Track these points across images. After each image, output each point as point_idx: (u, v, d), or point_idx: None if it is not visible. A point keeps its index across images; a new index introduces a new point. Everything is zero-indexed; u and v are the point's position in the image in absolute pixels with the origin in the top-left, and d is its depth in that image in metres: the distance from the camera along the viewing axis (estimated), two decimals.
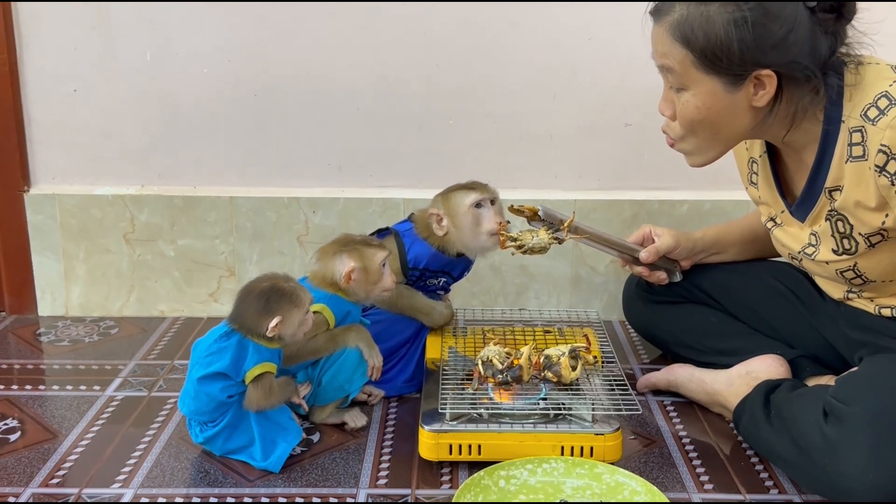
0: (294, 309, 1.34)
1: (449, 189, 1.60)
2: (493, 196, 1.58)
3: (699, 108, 1.26)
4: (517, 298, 1.99)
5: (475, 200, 1.55)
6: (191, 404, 1.35)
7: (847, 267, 1.31)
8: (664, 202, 1.92)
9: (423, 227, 1.61)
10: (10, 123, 1.89)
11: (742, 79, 1.22)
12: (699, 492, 1.30)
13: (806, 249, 1.36)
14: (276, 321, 1.32)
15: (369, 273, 1.47)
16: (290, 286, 1.36)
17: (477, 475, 1.25)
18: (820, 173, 1.28)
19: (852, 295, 1.39)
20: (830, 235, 1.30)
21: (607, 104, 1.90)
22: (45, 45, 1.87)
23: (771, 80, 1.21)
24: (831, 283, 1.42)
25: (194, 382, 1.33)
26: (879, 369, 1.24)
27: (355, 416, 1.49)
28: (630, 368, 1.74)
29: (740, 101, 1.24)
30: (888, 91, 1.18)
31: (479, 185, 1.58)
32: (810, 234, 1.35)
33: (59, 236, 1.95)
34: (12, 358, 1.77)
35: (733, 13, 1.18)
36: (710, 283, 1.64)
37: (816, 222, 1.33)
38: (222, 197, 1.94)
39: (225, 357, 1.32)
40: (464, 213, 1.55)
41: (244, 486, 1.31)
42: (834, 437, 1.17)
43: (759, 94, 1.23)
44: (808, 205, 1.33)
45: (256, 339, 1.34)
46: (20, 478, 1.33)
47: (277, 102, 1.91)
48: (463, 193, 1.56)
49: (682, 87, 1.27)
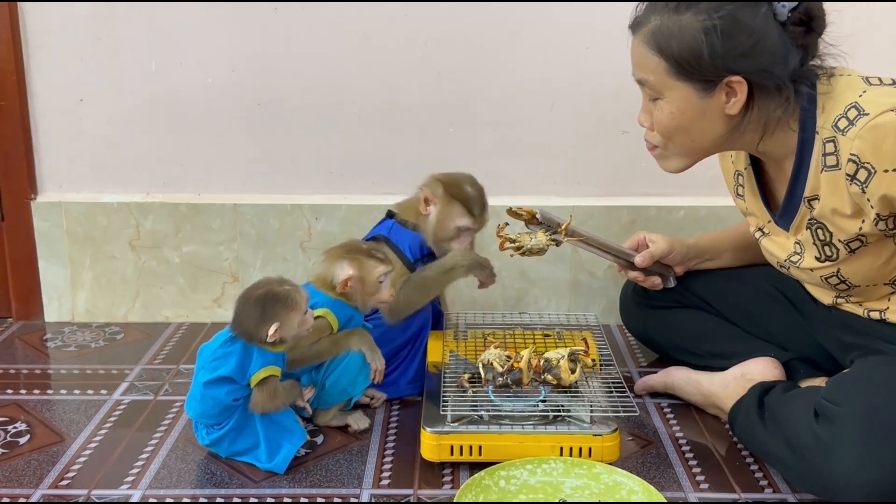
0: (291, 312, 1.36)
1: (453, 181, 1.62)
2: (480, 227, 1.63)
3: (673, 113, 1.30)
4: (517, 303, 2.01)
5: (466, 225, 1.60)
6: (197, 407, 1.38)
7: (831, 273, 1.34)
8: (661, 208, 1.95)
9: (406, 215, 1.64)
10: (18, 132, 1.92)
11: (714, 85, 1.26)
12: (695, 491, 1.33)
13: (791, 258, 1.39)
14: (274, 328, 1.34)
15: (366, 284, 1.49)
16: (284, 290, 1.37)
17: (478, 475, 1.28)
18: (798, 183, 1.31)
19: (840, 300, 1.41)
20: (812, 244, 1.33)
21: (605, 112, 1.93)
22: (52, 55, 1.91)
23: (741, 86, 1.25)
24: (820, 290, 1.45)
25: (200, 386, 1.36)
26: (869, 370, 1.27)
27: (358, 419, 1.51)
28: (628, 371, 1.76)
29: (713, 107, 1.28)
30: (857, 102, 1.21)
31: (476, 208, 1.61)
32: (795, 243, 1.38)
33: (66, 243, 1.98)
34: (20, 363, 1.80)
35: (704, 22, 1.22)
36: (706, 289, 1.66)
37: (799, 231, 1.36)
38: (226, 204, 1.97)
39: (230, 361, 1.35)
40: (451, 228, 1.60)
41: (250, 486, 1.33)
42: (825, 436, 1.19)
43: (731, 101, 1.27)
44: (789, 214, 1.36)
45: (259, 344, 1.37)
46: (30, 480, 1.35)
47: (280, 111, 1.94)
48: (460, 213, 1.60)
49: (657, 96, 1.32)
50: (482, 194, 1.63)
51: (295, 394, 1.40)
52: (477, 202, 1.61)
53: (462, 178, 1.63)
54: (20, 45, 1.89)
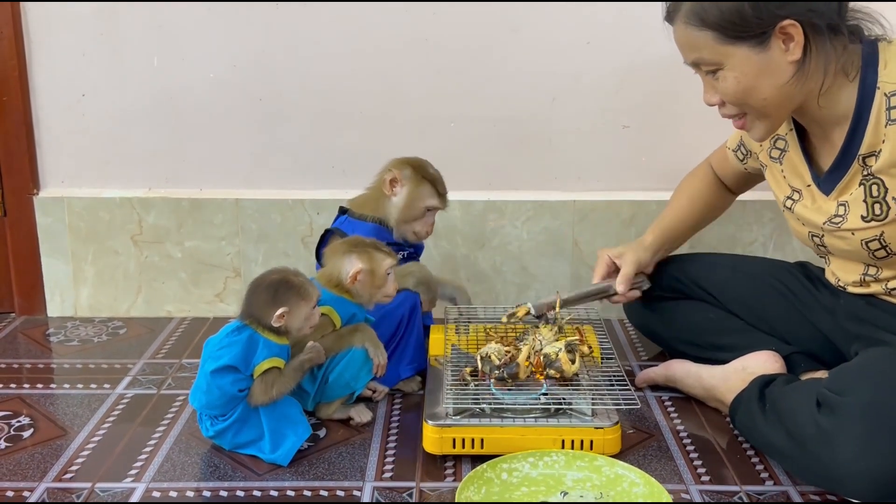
0: (301, 302, 1.38)
1: (419, 164, 1.69)
2: (444, 207, 1.70)
3: (738, 77, 1.29)
4: (518, 297, 2.02)
5: (434, 204, 1.67)
6: (202, 398, 1.38)
7: (873, 236, 1.33)
8: (661, 202, 1.94)
9: (362, 209, 1.69)
10: (20, 128, 1.93)
11: (767, 37, 1.26)
12: (696, 484, 1.33)
13: (833, 219, 1.37)
14: (282, 311, 1.36)
15: (375, 277, 1.50)
16: (298, 280, 1.39)
17: (480, 468, 1.28)
18: (854, 140, 1.31)
19: (868, 278, 1.41)
20: (862, 201, 1.33)
21: (606, 107, 1.94)
22: (54, 51, 1.91)
23: (796, 29, 1.25)
24: (848, 264, 1.43)
25: (206, 376, 1.37)
26: (872, 361, 1.27)
27: (361, 412, 1.52)
28: (629, 365, 1.77)
29: (774, 59, 1.27)
30: None
31: (442, 188, 1.69)
32: (837, 205, 1.37)
33: (68, 239, 1.99)
34: (23, 358, 1.81)
35: None
36: (708, 281, 1.67)
37: (846, 191, 1.35)
38: (228, 199, 1.97)
39: (235, 350, 1.36)
40: (419, 208, 1.67)
41: (253, 479, 1.34)
42: (827, 426, 1.20)
43: (790, 46, 1.26)
44: (838, 174, 1.35)
45: (266, 333, 1.37)
46: (34, 473, 1.36)
47: (282, 106, 1.94)
48: (429, 193, 1.67)
49: (717, 67, 1.30)
50: (442, 177, 1.71)
51: (298, 376, 1.40)
52: (441, 183, 1.69)
53: (424, 161, 1.70)
54: (22, 40, 1.90)
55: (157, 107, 1.94)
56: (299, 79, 1.92)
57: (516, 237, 1.98)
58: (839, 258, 1.45)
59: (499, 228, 1.98)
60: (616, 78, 1.92)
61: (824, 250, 1.46)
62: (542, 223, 1.97)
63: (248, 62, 1.92)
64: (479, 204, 1.96)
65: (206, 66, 1.92)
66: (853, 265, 1.43)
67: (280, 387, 1.38)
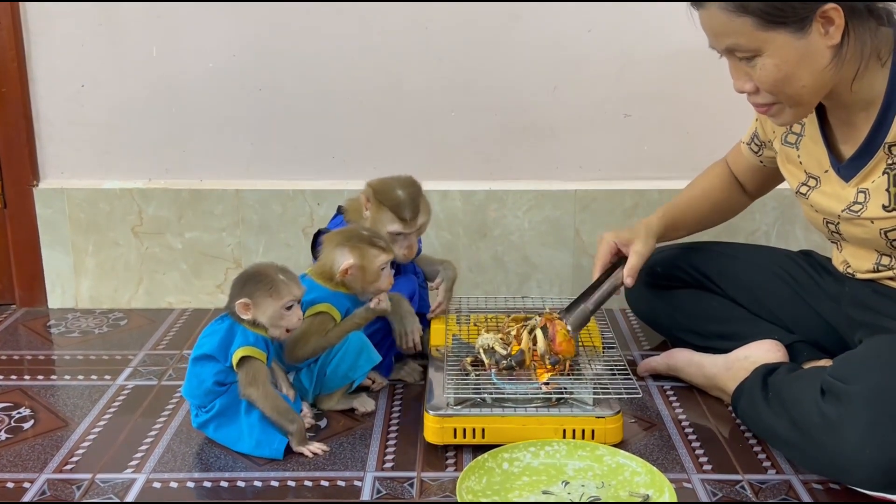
0: (268, 298, 1.36)
1: (383, 187, 1.57)
2: (414, 230, 1.57)
3: (778, 65, 1.26)
4: (520, 288, 2.02)
5: (397, 230, 1.55)
6: (185, 386, 1.40)
7: (893, 227, 1.32)
8: (663, 191, 1.94)
9: (352, 215, 1.63)
10: (20, 119, 1.92)
11: (807, 22, 1.22)
12: (698, 473, 1.33)
13: (851, 207, 1.35)
14: (244, 300, 1.36)
15: (366, 273, 1.49)
16: (271, 276, 1.37)
17: (481, 458, 1.28)
18: (882, 127, 1.29)
19: (882, 267, 1.39)
20: (885, 190, 1.31)
21: (607, 96, 1.93)
22: (53, 41, 1.90)
23: (837, 12, 1.21)
24: (863, 251, 1.41)
25: (189, 363, 1.39)
26: (878, 348, 1.26)
27: (364, 402, 1.52)
28: (630, 355, 1.76)
29: (814, 43, 1.24)
30: None
31: (407, 212, 1.55)
32: (857, 193, 1.35)
33: (69, 230, 1.98)
34: (23, 349, 1.80)
35: None
36: (711, 269, 1.66)
37: (868, 179, 1.33)
38: (228, 190, 1.97)
39: (215, 339, 1.37)
40: (385, 233, 1.55)
41: (254, 470, 1.33)
42: (832, 414, 1.19)
43: (830, 30, 1.23)
44: (861, 161, 1.33)
45: (244, 323, 1.38)
46: (34, 464, 1.36)
47: (282, 97, 1.93)
48: (390, 219, 1.55)
49: (754, 54, 1.26)
50: (415, 198, 1.57)
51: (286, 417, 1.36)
52: (408, 207, 1.55)
53: (396, 182, 1.58)
54: (21, 31, 1.89)
55: (157, 97, 1.93)
56: (299, 69, 1.91)
57: (518, 227, 1.98)
58: (853, 245, 1.43)
59: (500, 218, 1.97)
60: (617, 66, 1.91)
61: (838, 237, 1.43)
62: (544, 213, 1.97)
63: (247, 52, 1.91)
64: (480, 194, 1.96)
65: (206, 57, 1.91)
66: (867, 252, 1.41)
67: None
